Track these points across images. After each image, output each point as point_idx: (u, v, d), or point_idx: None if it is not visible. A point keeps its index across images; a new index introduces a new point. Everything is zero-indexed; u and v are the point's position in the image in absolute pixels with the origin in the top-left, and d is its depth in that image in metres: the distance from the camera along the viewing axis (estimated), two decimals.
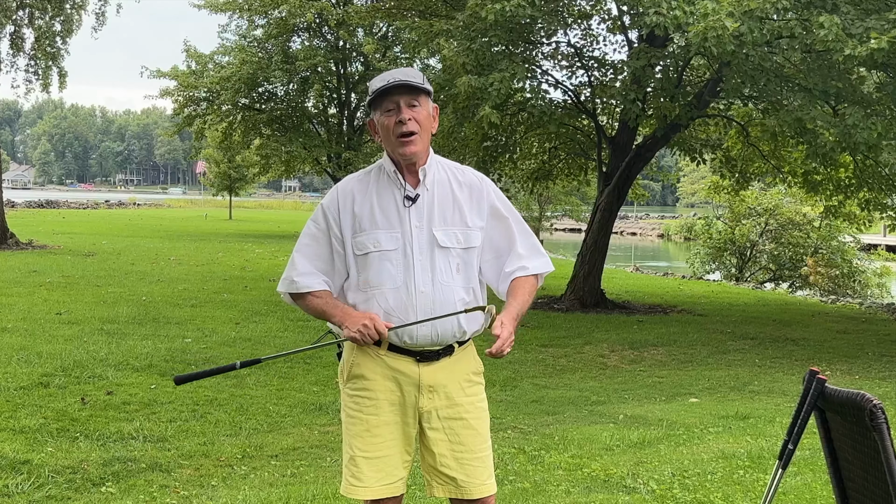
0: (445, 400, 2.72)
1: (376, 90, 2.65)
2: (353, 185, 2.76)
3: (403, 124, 2.63)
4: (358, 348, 2.71)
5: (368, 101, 2.73)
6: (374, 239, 2.67)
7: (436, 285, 2.67)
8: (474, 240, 2.75)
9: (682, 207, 77.14)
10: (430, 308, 2.65)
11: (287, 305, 2.94)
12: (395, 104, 2.64)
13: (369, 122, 2.77)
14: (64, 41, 21.58)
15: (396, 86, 2.63)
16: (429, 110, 2.71)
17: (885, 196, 14.02)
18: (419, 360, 2.70)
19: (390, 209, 2.69)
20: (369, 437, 2.68)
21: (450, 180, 2.77)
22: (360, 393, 2.71)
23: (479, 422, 2.78)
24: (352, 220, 2.71)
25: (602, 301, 13.81)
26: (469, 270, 2.75)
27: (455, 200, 2.74)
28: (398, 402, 2.70)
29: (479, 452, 2.75)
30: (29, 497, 4.46)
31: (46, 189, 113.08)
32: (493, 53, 11.57)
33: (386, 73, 2.69)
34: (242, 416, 6.32)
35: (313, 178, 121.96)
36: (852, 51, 8.63)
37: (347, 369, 2.75)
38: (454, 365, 2.74)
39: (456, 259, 2.71)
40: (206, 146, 36.98)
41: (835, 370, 9.07)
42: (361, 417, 2.70)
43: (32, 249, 19.97)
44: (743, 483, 4.80)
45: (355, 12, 19.96)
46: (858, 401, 2.39)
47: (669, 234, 49.62)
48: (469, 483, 2.73)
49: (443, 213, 2.72)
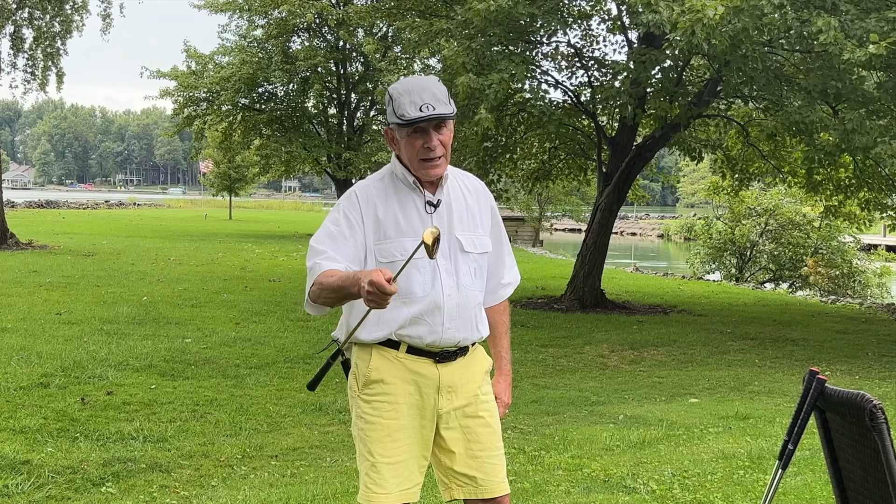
0: (463, 399, 2.73)
1: (411, 121, 2.56)
2: (373, 191, 2.71)
3: (431, 150, 2.61)
4: (376, 354, 2.69)
5: (392, 112, 2.62)
6: (401, 247, 2.64)
7: (461, 289, 2.69)
8: (487, 244, 2.80)
9: (682, 208, 77.15)
10: (456, 312, 2.68)
11: (287, 305, 2.94)
12: (423, 128, 2.60)
13: (386, 131, 2.71)
14: (63, 41, 21.60)
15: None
16: (452, 127, 2.69)
17: (885, 196, 14.01)
18: (437, 360, 2.70)
19: (413, 216, 2.67)
20: (390, 442, 2.65)
21: (461, 187, 2.79)
22: (378, 398, 2.68)
23: (494, 419, 2.80)
24: (375, 227, 2.66)
25: (602, 301, 13.81)
26: (483, 274, 2.79)
27: (468, 207, 2.77)
28: (417, 405, 2.69)
29: (496, 450, 2.77)
30: (29, 497, 4.46)
31: (46, 189, 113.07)
32: (492, 53, 11.57)
33: (416, 94, 2.57)
34: (242, 416, 6.33)
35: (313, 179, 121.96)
36: (851, 55, 8.61)
37: (364, 375, 2.71)
38: (469, 364, 2.76)
39: (474, 264, 2.74)
40: (206, 146, 36.97)
41: (835, 370, 9.07)
42: (381, 422, 2.67)
43: (32, 250, 19.97)
44: (743, 483, 4.80)
45: (355, 12, 19.95)
46: (858, 401, 2.39)
47: (669, 235, 49.61)
48: (488, 482, 2.74)
49: (461, 218, 2.73)
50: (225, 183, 40.10)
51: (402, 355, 2.68)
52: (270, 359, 8.59)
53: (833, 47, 8.70)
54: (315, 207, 72.66)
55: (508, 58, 11.54)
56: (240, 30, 31.42)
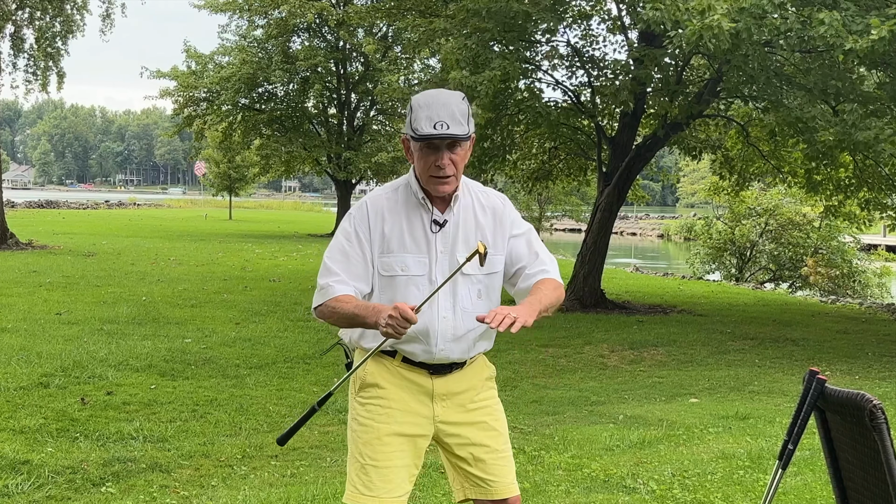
0: (459, 407, 2.74)
1: (423, 137, 2.55)
2: (383, 203, 2.70)
3: (441, 169, 2.59)
4: (372, 359, 2.71)
5: (408, 123, 2.60)
6: (402, 262, 2.65)
7: (457, 311, 2.68)
8: (497, 264, 2.74)
9: (682, 208, 77.12)
10: (451, 335, 2.67)
11: (287, 305, 2.94)
12: (436, 146, 2.58)
13: (403, 140, 2.70)
14: (64, 42, 21.60)
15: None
16: (467, 147, 2.66)
17: (885, 196, 14.01)
18: (432, 373, 2.71)
19: (418, 233, 2.67)
20: (380, 446, 2.66)
21: (474, 205, 2.75)
22: (372, 401, 2.71)
23: (498, 423, 2.80)
24: (380, 240, 2.67)
25: (602, 301, 13.81)
26: (492, 294, 2.75)
27: (478, 226, 2.73)
28: (411, 411, 2.70)
29: (503, 452, 2.78)
30: (29, 497, 4.46)
31: (46, 189, 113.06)
32: (488, 51, 11.56)
33: (433, 109, 2.55)
34: (242, 417, 6.33)
35: (313, 179, 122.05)
36: (853, 45, 8.62)
37: (360, 378, 2.74)
38: (465, 374, 2.77)
39: (478, 285, 2.71)
40: (206, 146, 36.98)
41: (835, 370, 9.07)
42: (372, 426, 2.68)
43: (32, 250, 19.98)
44: (743, 483, 4.80)
45: (355, 12, 19.96)
46: (858, 401, 2.39)
47: (669, 235, 49.61)
48: (497, 483, 2.75)
49: (466, 238, 2.70)
50: (225, 183, 40.13)
51: (398, 363, 2.71)
52: (270, 359, 8.60)
53: (835, 39, 8.71)
54: (315, 207, 72.66)
55: (503, 56, 11.54)
56: (240, 30, 31.47)
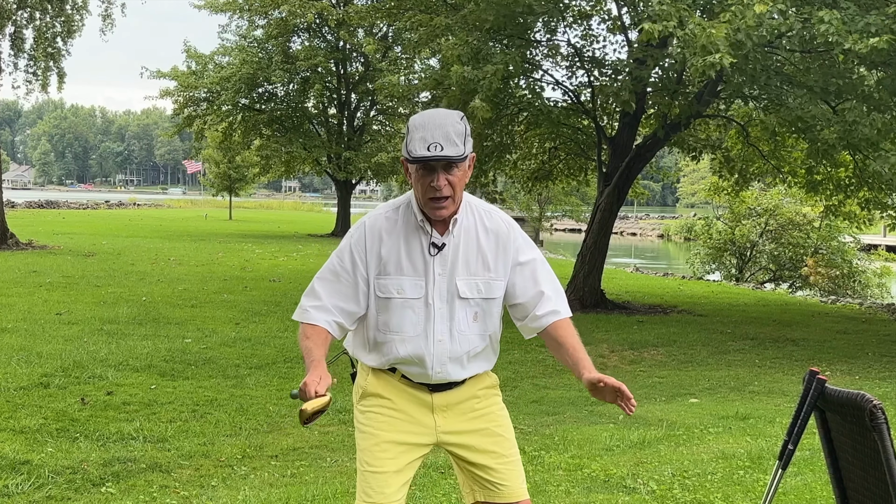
0: (461, 415, 2.75)
1: (416, 159, 2.51)
2: (382, 223, 2.68)
3: (437, 190, 2.55)
4: (373, 372, 2.74)
5: (405, 145, 2.57)
6: (399, 285, 2.64)
7: (453, 335, 2.67)
8: (496, 290, 2.71)
9: (682, 208, 77.12)
10: (447, 357, 2.68)
11: (287, 305, 2.96)
12: (431, 167, 2.54)
13: (403, 161, 2.67)
14: (65, 42, 21.59)
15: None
16: (465, 168, 2.62)
17: (885, 195, 14.00)
18: (431, 390, 2.73)
19: (416, 255, 2.65)
20: (378, 452, 2.68)
21: (476, 227, 2.71)
22: (372, 409, 2.73)
23: (502, 428, 2.80)
24: (377, 262, 2.65)
25: (602, 301, 13.81)
26: (487, 318, 2.73)
27: (479, 249, 2.69)
28: (411, 420, 2.71)
29: (511, 457, 2.78)
30: (29, 497, 4.46)
31: (46, 189, 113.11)
32: (489, 47, 11.55)
33: (428, 131, 2.51)
34: (242, 417, 6.33)
35: (313, 179, 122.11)
36: (853, 45, 8.64)
37: (362, 387, 2.78)
38: (464, 387, 2.77)
39: (475, 308, 2.70)
40: (206, 146, 36.98)
41: (835, 370, 9.07)
42: (371, 433, 2.71)
43: (32, 250, 19.98)
44: (743, 483, 4.80)
45: (355, 12, 19.93)
46: (858, 401, 2.39)
47: (669, 235, 49.63)
48: (505, 487, 2.75)
49: (466, 262, 2.67)
50: (225, 183, 40.12)
51: (397, 379, 2.73)
52: (270, 359, 8.60)
53: (834, 37, 8.72)
54: (315, 207, 72.68)
55: (504, 52, 11.54)
56: (240, 30, 31.48)
